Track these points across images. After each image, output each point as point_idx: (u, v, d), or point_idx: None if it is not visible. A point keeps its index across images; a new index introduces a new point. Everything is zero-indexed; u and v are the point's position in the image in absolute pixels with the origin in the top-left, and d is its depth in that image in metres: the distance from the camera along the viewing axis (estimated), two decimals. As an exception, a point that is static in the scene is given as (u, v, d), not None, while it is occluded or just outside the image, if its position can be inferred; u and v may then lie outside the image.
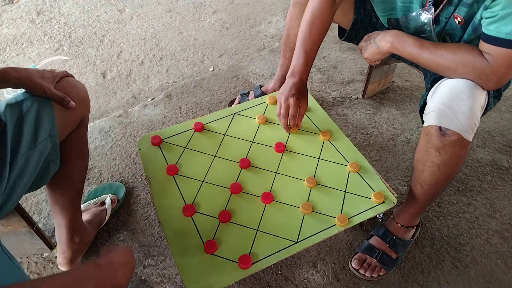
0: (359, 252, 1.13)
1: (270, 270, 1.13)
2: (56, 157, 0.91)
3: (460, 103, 0.84)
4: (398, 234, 1.13)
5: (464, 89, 0.86)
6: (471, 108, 0.84)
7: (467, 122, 0.84)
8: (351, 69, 1.79)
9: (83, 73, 1.83)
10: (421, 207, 1.07)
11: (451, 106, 0.85)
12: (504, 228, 1.24)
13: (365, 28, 1.17)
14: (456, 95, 0.85)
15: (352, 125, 1.54)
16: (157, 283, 1.12)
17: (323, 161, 1.09)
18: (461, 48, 0.89)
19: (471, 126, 0.86)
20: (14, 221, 1.00)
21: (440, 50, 0.91)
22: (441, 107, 0.86)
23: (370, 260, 1.11)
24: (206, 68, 1.86)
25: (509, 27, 0.79)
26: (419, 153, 0.97)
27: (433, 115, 0.87)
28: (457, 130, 0.85)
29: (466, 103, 0.84)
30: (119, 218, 1.26)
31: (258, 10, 2.22)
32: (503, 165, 1.41)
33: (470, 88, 0.86)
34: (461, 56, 0.88)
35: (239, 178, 1.04)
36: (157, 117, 1.59)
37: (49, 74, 0.88)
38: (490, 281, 1.13)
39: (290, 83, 1.05)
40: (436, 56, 0.91)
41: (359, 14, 1.16)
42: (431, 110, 0.88)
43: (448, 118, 0.85)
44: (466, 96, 0.84)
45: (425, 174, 0.97)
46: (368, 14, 1.16)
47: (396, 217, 1.14)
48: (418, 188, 1.02)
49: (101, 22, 2.14)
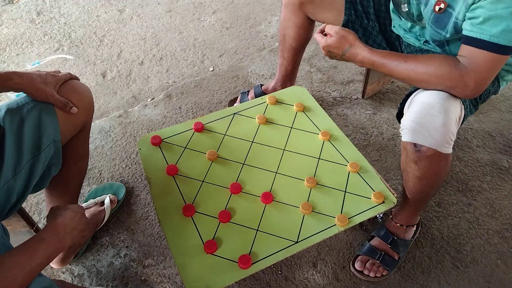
0: (360, 254, 1.13)
1: (270, 270, 1.13)
2: (58, 161, 0.91)
3: (431, 119, 0.83)
4: (398, 234, 1.13)
5: (435, 104, 0.83)
6: (445, 124, 0.83)
7: (441, 137, 0.83)
8: (351, 69, 1.79)
9: (83, 73, 1.83)
10: (415, 209, 1.09)
11: (422, 123, 0.84)
12: (504, 228, 1.24)
13: (356, 29, 1.16)
14: (427, 112, 0.83)
15: (352, 125, 1.54)
16: (157, 283, 1.12)
17: (323, 161, 1.09)
18: (432, 60, 0.85)
19: (446, 140, 0.84)
20: (14, 221, 1.00)
21: (411, 63, 0.87)
22: (413, 125, 0.85)
23: (372, 261, 1.11)
24: (206, 68, 1.86)
25: (494, 29, 0.76)
26: (402, 164, 0.98)
27: (407, 132, 0.87)
28: (432, 146, 0.84)
29: (438, 119, 0.82)
30: (119, 218, 1.26)
31: (258, 10, 2.22)
32: (503, 165, 1.41)
33: (443, 102, 0.83)
34: (434, 68, 0.84)
35: (239, 178, 1.05)
36: (157, 117, 1.59)
37: (52, 78, 0.87)
38: (490, 281, 1.13)
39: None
40: (407, 69, 0.88)
41: (349, 15, 1.15)
42: (404, 127, 0.88)
43: (421, 135, 0.85)
44: (438, 112, 0.82)
45: (409, 183, 0.99)
46: (359, 16, 1.15)
47: (394, 217, 1.15)
48: (406, 194, 1.04)
49: (101, 22, 2.14)
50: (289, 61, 1.42)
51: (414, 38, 1.08)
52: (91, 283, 1.12)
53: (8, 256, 0.67)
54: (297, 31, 1.31)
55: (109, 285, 1.12)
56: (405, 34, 1.11)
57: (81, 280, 1.13)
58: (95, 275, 1.14)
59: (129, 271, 1.14)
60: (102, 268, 1.15)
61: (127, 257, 1.17)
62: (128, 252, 1.18)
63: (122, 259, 1.17)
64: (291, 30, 1.32)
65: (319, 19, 1.25)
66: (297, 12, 1.26)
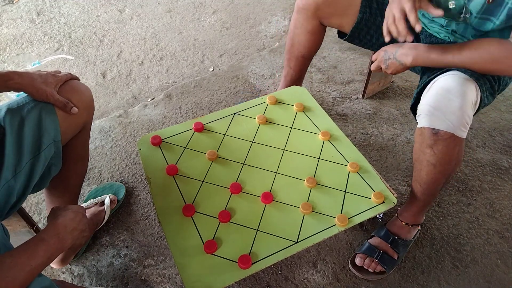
0: (359, 252, 1.13)
1: (270, 270, 1.13)
2: (58, 161, 0.91)
3: (448, 103, 0.86)
4: (401, 233, 1.13)
5: (452, 88, 0.86)
6: (461, 107, 0.85)
7: (458, 120, 0.86)
8: (351, 69, 1.79)
9: (83, 73, 1.83)
10: (423, 205, 1.09)
11: (439, 107, 0.86)
12: (504, 228, 1.24)
13: (369, 27, 1.16)
14: (444, 96, 0.86)
15: (352, 125, 1.54)
16: (157, 283, 1.12)
17: (323, 161, 1.09)
18: (481, 43, 0.89)
19: (463, 123, 0.87)
20: (14, 221, 1.00)
21: (463, 50, 0.91)
22: (430, 109, 0.88)
23: (370, 259, 1.11)
24: (206, 68, 1.86)
25: None
26: (415, 153, 0.99)
27: (424, 117, 0.90)
28: (449, 130, 0.87)
29: (455, 103, 0.85)
30: (119, 218, 1.26)
31: (258, 10, 2.22)
32: (503, 165, 1.41)
33: (459, 87, 0.86)
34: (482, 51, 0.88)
35: (239, 178, 1.05)
36: (157, 117, 1.59)
37: (52, 78, 0.87)
38: (490, 281, 1.13)
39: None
40: (460, 58, 0.91)
41: (364, 13, 1.15)
42: (422, 112, 0.90)
43: (438, 119, 0.87)
44: (454, 96, 0.85)
45: (422, 173, 0.99)
46: (373, 13, 1.15)
47: (400, 216, 1.15)
48: (417, 187, 1.04)
49: (101, 22, 2.14)
50: (296, 70, 1.38)
51: (439, 26, 1.07)
52: (91, 283, 1.12)
53: (8, 256, 0.67)
54: (308, 37, 1.27)
55: (109, 285, 1.12)
56: (429, 23, 1.09)
57: (81, 280, 1.13)
58: (95, 275, 1.14)
59: (129, 271, 1.14)
60: (102, 268, 1.15)
61: (127, 257, 1.17)
62: (128, 252, 1.18)
63: (122, 259, 1.17)
64: (302, 37, 1.27)
65: (334, 24, 1.22)
66: (311, 18, 1.22)
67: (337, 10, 1.18)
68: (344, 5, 1.16)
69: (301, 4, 1.21)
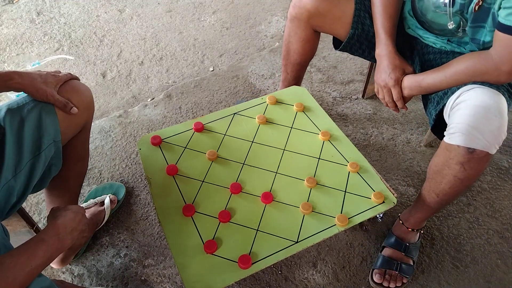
0: (375, 268, 1.11)
1: (270, 270, 1.13)
2: (58, 161, 0.91)
3: (488, 123, 0.83)
4: (409, 239, 1.13)
5: (490, 107, 0.83)
6: (500, 127, 0.83)
7: (496, 139, 0.84)
8: (351, 69, 1.79)
9: (83, 73, 1.83)
10: (433, 213, 1.08)
11: (478, 127, 0.83)
12: (504, 228, 1.24)
13: (361, 42, 1.16)
14: (483, 115, 0.83)
15: (352, 125, 1.54)
16: (157, 283, 1.12)
17: (323, 161, 1.09)
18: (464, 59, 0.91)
19: (498, 142, 0.85)
20: (14, 221, 1.00)
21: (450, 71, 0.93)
22: (469, 129, 0.84)
23: (390, 272, 1.10)
24: (206, 68, 1.86)
25: None
26: (437, 166, 0.95)
27: (460, 136, 0.85)
28: (484, 149, 0.84)
29: (495, 123, 0.82)
30: (119, 218, 1.26)
31: (258, 10, 2.22)
32: (503, 165, 1.41)
33: (497, 105, 0.84)
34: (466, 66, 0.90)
35: (239, 178, 1.05)
36: (157, 117, 1.59)
37: (53, 78, 0.87)
38: (490, 281, 1.13)
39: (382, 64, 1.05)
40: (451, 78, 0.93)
41: (356, 29, 1.14)
42: (458, 131, 0.86)
43: (476, 138, 0.84)
44: (494, 116, 0.83)
45: (444, 186, 0.95)
46: (365, 30, 1.14)
47: (405, 222, 1.13)
48: (433, 197, 1.00)
49: (101, 22, 2.14)
50: (293, 76, 1.39)
51: (435, 37, 1.06)
52: (91, 283, 1.12)
53: (8, 256, 0.67)
54: (302, 45, 1.26)
55: (109, 285, 1.12)
56: (424, 34, 1.09)
57: (81, 280, 1.13)
58: (95, 275, 1.14)
59: (129, 271, 1.14)
60: (102, 268, 1.15)
61: (127, 257, 1.17)
62: (128, 252, 1.18)
63: (122, 259, 1.17)
64: (296, 45, 1.27)
65: (327, 32, 1.21)
66: (304, 26, 1.21)
67: (329, 19, 1.16)
68: (337, 14, 1.14)
69: (294, 12, 1.20)
